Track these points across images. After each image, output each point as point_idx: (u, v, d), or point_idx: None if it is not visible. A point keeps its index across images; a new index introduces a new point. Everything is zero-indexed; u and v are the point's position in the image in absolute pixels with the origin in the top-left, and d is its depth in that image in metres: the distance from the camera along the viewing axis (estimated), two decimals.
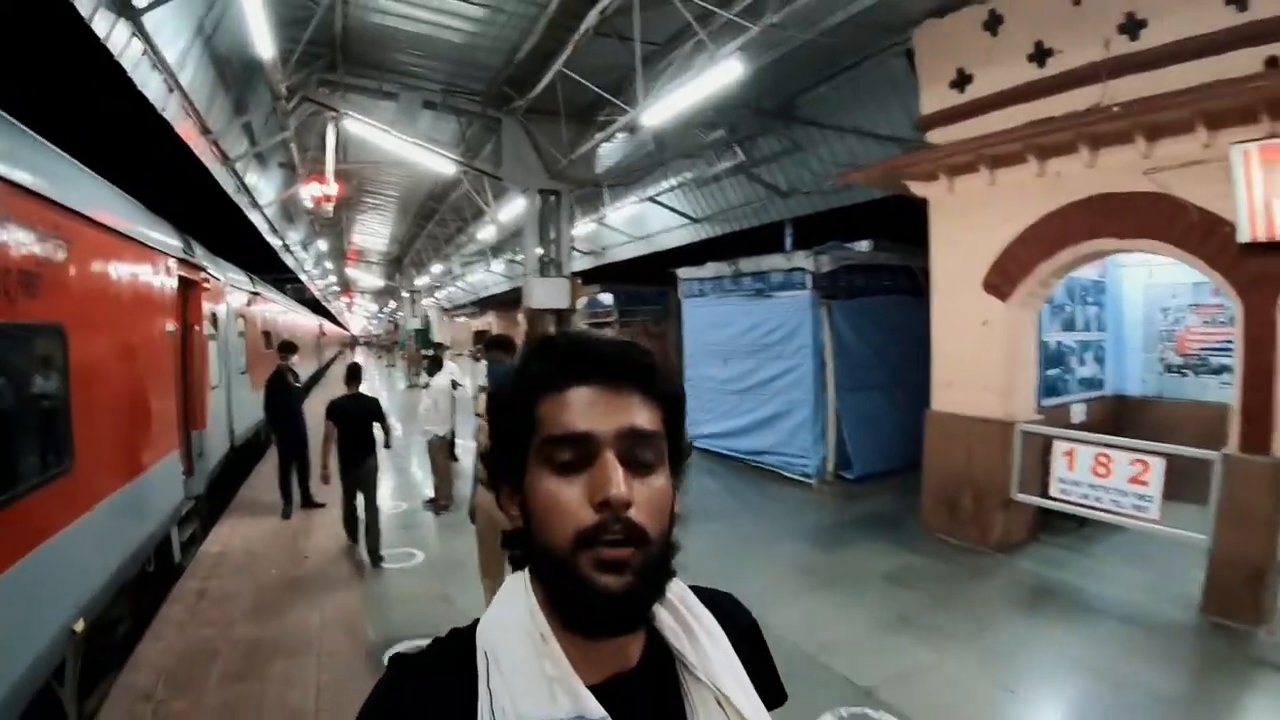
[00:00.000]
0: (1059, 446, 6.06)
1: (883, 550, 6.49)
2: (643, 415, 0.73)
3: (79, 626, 3.99)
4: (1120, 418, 8.40)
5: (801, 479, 8.49)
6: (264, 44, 6.15)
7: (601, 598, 0.69)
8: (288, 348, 8.66)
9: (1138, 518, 5.61)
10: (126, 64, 6.25)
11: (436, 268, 20.32)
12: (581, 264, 15.84)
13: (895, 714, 3.87)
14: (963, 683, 4.28)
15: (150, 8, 5.68)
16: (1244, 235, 4.85)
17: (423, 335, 20.13)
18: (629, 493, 0.69)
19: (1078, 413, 7.93)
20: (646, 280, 14.59)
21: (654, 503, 0.72)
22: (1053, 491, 6.11)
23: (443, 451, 8.10)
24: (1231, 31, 4.99)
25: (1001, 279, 6.37)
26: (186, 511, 6.92)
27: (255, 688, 4.19)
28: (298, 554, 6.72)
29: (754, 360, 9.02)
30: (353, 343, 52.50)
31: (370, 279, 28.30)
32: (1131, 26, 5.50)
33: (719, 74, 5.97)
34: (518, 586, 0.78)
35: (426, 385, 9.06)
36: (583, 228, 13.12)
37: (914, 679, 4.29)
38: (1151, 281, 8.35)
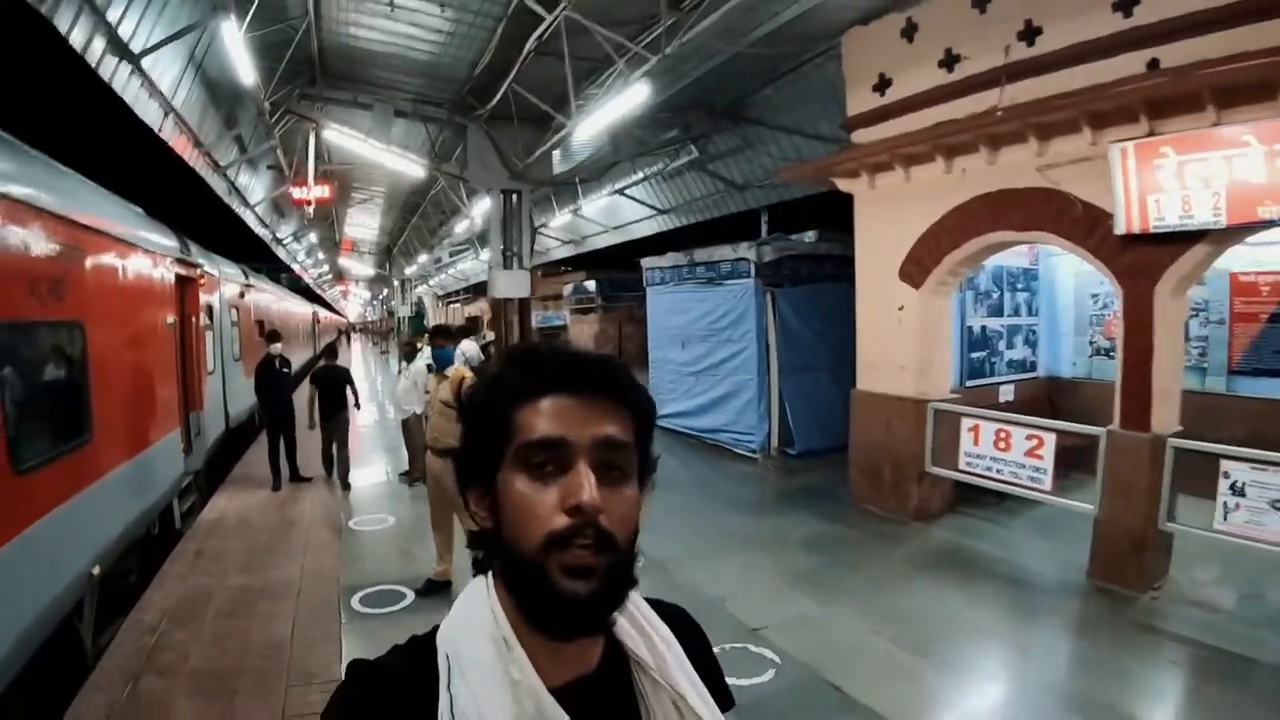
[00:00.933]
0: (966, 423, 6.30)
1: (806, 518, 6.78)
2: (616, 426, 0.73)
3: (95, 571, 4.60)
4: (1052, 398, 8.60)
5: (749, 455, 8.77)
6: (246, 73, 6.58)
7: (568, 602, 0.69)
8: (274, 336, 8.98)
9: (1032, 488, 5.85)
10: (128, 97, 6.76)
11: (423, 257, 20.81)
12: (562, 252, 16.17)
13: (771, 649, 4.23)
14: (840, 629, 4.62)
15: (145, 53, 6.19)
16: (1120, 228, 5.04)
17: (417, 321, 20.48)
18: (600, 500, 0.69)
19: (1005, 393, 8.14)
20: (626, 267, 14.81)
21: (622, 511, 0.72)
22: (961, 464, 6.37)
23: (418, 428, 8.46)
24: (1118, 36, 5.12)
25: (915, 268, 6.58)
26: (186, 484, 7.38)
27: (243, 623, 4.79)
28: (285, 520, 7.18)
29: (708, 344, 9.27)
30: (349, 329, 51.97)
31: (363, 268, 28.79)
32: (1029, 33, 5.64)
33: (631, 95, 6.50)
34: (480, 590, 0.77)
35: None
36: (561, 218, 13.43)
37: (798, 624, 4.64)
38: (1082, 268, 8.44)
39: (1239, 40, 4.47)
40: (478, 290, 29.97)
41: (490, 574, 0.78)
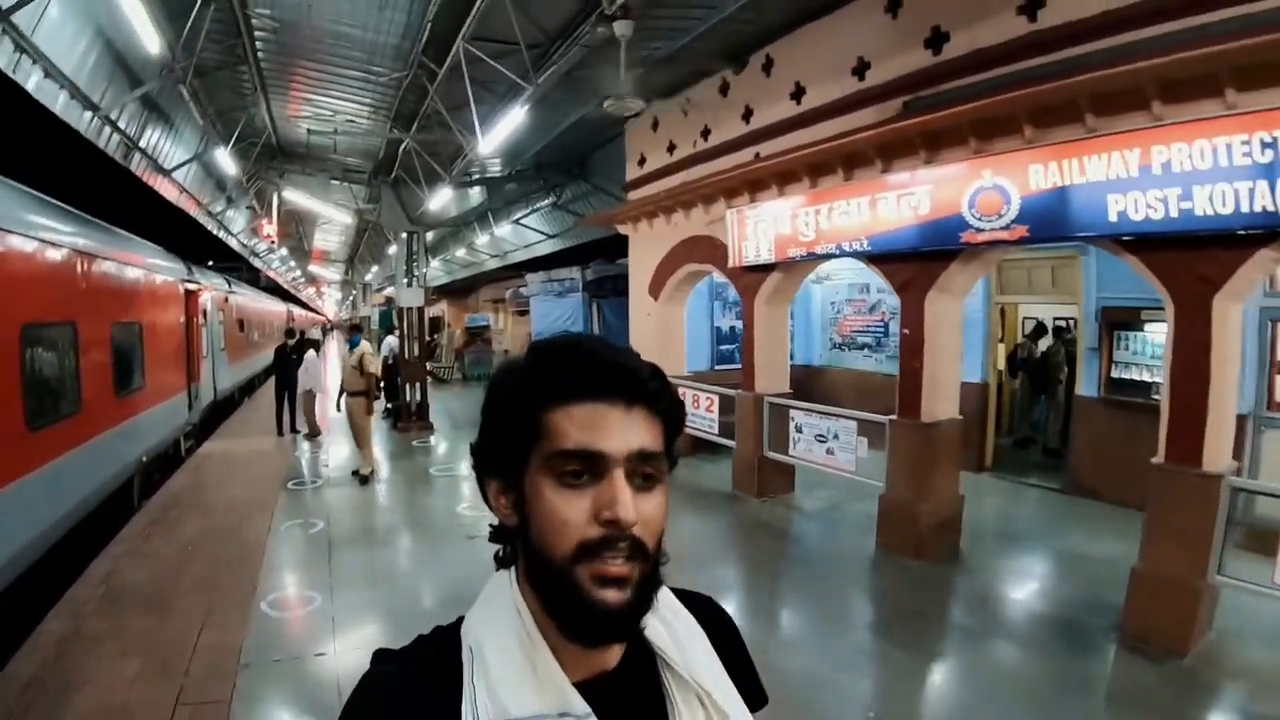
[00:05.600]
0: (680, 390, 9.07)
1: None
2: (650, 435, 0.69)
3: (144, 458, 8.01)
4: (805, 381, 11.13)
5: None
6: (230, 170, 9.82)
7: (601, 612, 0.66)
8: (290, 333, 12.69)
9: (708, 433, 8.51)
10: (160, 190, 10.14)
11: (375, 269, 24.18)
12: (493, 264, 19.52)
13: None
14: None
15: (174, 169, 9.67)
16: (731, 263, 7.58)
17: (386, 318, 23.38)
18: (635, 512, 0.66)
19: None
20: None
21: (654, 517, 0.69)
22: None
23: (309, 402, 11.37)
24: (743, 137, 7.58)
25: (655, 286, 9.24)
26: (188, 431, 10.54)
27: (222, 492, 8.07)
28: (254, 452, 10.31)
29: None
30: (328, 326, 54.72)
31: (332, 274, 32.92)
32: (706, 132, 8.30)
33: (444, 193, 10.13)
34: (503, 584, 0.74)
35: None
36: (483, 238, 16.61)
37: None
38: (826, 283, 11.15)
39: (797, 139, 6.77)
40: (440, 292, 33.83)
41: (513, 569, 0.74)
